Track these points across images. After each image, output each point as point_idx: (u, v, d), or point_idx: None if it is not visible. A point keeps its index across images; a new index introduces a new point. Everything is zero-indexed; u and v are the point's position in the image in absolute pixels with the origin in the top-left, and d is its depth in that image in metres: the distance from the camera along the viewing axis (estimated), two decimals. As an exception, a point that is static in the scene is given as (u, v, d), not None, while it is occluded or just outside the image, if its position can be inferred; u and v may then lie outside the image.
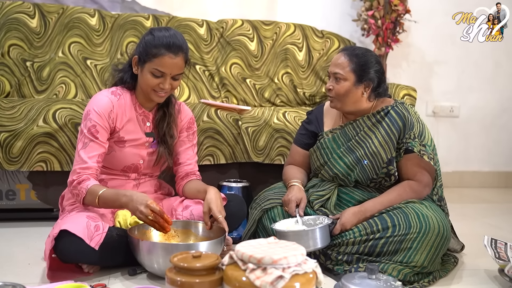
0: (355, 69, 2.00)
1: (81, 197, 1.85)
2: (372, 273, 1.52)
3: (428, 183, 1.99)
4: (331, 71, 2.04)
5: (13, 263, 1.98)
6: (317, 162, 2.12)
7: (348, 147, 2.06)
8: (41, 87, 2.90)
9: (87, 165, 1.87)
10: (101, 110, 1.93)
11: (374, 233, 1.86)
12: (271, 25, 3.37)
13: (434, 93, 3.89)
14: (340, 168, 2.04)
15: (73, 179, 1.87)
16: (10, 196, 2.51)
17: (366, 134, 2.04)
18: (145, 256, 1.76)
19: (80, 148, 1.90)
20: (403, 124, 1.99)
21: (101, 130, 1.92)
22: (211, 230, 1.92)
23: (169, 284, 1.35)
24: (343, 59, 2.02)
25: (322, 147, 2.11)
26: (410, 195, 1.96)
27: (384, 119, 2.03)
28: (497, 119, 3.99)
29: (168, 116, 2.08)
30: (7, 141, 2.35)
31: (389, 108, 2.04)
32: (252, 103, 3.19)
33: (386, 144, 2.00)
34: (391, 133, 2.00)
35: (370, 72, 2.01)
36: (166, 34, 1.93)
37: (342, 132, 2.09)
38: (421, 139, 1.99)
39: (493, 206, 3.39)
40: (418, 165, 1.98)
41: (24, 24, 2.95)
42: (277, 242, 1.38)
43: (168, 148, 2.08)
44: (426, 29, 3.75)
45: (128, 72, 2.03)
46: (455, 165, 3.96)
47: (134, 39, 3.10)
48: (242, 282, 1.25)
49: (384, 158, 1.99)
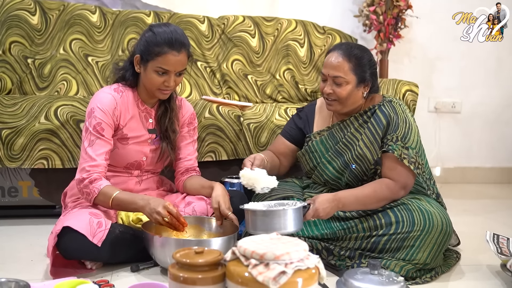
0: (356, 71, 1.95)
1: (92, 196, 1.84)
2: (375, 269, 1.52)
3: (404, 185, 1.91)
4: (330, 74, 1.95)
5: (16, 259, 1.99)
6: (307, 166, 2.12)
7: (336, 150, 2.04)
8: (42, 84, 2.90)
9: (96, 162, 1.87)
10: (105, 107, 1.93)
11: (377, 229, 1.86)
12: (273, 21, 3.36)
13: (436, 89, 3.88)
14: (329, 173, 2.04)
15: (84, 177, 1.86)
16: (12, 193, 2.51)
17: (353, 135, 2.02)
18: (159, 250, 1.77)
19: (87, 146, 1.89)
20: (387, 123, 1.95)
21: (107, 127, 1.92)
22: (220, 226, 1.93)
23: (172, 280, 1.35)
24: (341, 61, 1.94)
25: (310, 151, 2.09)
26: (385, 193, 1.89)
27: (370, 119, 1.99)
28: (499, 115, 3.98)
29: (170, 111, 2.08)
30: (8, 138, 2.35)
31: (376, 108, 2.00)
32: (253, 99, 3.19)
33: (371, 145, 1.97)
34: (375, 133, 1.97)
35: (369, 71, 1.98)
36: (167, 30, 1.92)
37: (329, 134, 2.07)
38: (404, 141, 1.92)
39: (495, 201, 3.39)
40: (396, 166, 1.91)
41: (25, 21, 2.95)
42: (279, 237, 1.38)
43: (170, 143, 2.09)
44: (428, 24, 3.74)
45: (129, 70, 2.02)
46: (457, 161, 3.96)
47: (135, 36, 3.09)
48: (244, 278, 1.25)
49: (371, 159, 1.97)
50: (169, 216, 1.75)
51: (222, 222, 1.92)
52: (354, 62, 1.94)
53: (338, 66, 1.94)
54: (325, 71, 1.98)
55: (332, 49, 2.01)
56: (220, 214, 1.90)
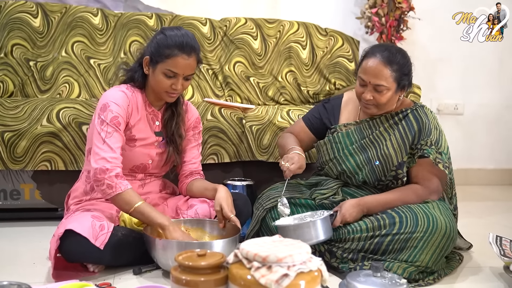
0: (397, 79, 1.92)
1: (114, 191, 1.78)
2: (377, 271, 1.52)
3: (435, 190, 1.95)
4: (372, 82, 1.90)
5: (18, 262, 1.98)
6: (325, 157, 2.10)
7: (361, 145, 2.03)
8: (44, 86, 2.90)
9: (116, 155, 1.83)
10: (120, 102, 1.91)
11: (380, 229, 1.85)
12: (275, 23, 3.36)
13: (439, 91, 3.88)
14: (349, 165, 2.03)
15: (107, 168, 1.78)
16: (14, 196, 2.51)
17: (381, 134, 2.01)
18: (160, 253, 1.77)
19: (105, 137, 1.83)
20: (419, 129, 1.96)
21: (122, 122, 1.90)
22: (223, 228, 1.93)
23: (174, 283, 1.35)
24: (384, 69, 1.89)
25: (334, 141, 2.08)
26: (412, 199, 1.91)
27: (401, 122, 2.00)
28: (501, 117, 3.98)
29: (177, 116, 2.07)
30: (11, 140, 2.35)
31: (408, 111, 2.01)
32: (256, 101, 3.19)
33: (399, 147, 1.97)
34: (405, 137, 1.97)
35: (407, 77, 1.96)
36: (178, 33, 1.92)
37: (357, 129, 2.06)
38: (437, 147, 1.95)
39: (497, 203, 3.38)
40: (429, 171, 1.95)
41: (27, 23, 2.95)
42: (281, 240, 1.37)
43: (176, 148, 2.08)
44: (430, 26, 3.74)
45: (138, 71, 2.01)
46: (459, 162, 3.94)
47: (138, 38, 3.10)
48: (247, 281, 1.24)
49: (395, 161, 1.96)
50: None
51: (225, 225, 1.92)
52: (396, 70, 1.91)
53: (381, 74, 1.89)
54: (365, 77, 1.92)
55: (371, 53, 1.94)
56: (222, 216, 1.90)
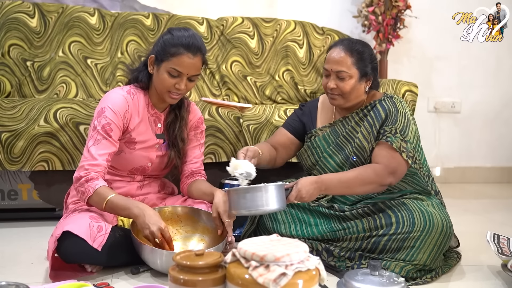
0: (358, 65, 1.96)
1: (86, 195, 1.80)
2: (375, 270, 1.52)
3: (393, 171, 1.86)
4: (333, 69, 1.97)
5: (16, 262, 1.98)
6: (308, 162, 2.12)
7: (337, 144, 2.05)
8: (41, 86, 2.90)
9: (97, 162, 1.84)
10: (117, 108, 1.91)
11: (377, 229, 1.86)
12: (272, 22, 3.36)
13: (436, 89, 3.89)
14: (331, 167, 2.04)
15: (81, 176, 1.82)
16: (12, 196, 2.51)
17: (353, 128, 2.02)
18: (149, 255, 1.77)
19: (92, 145, 1.86)
20: (386, 116, 1.95)
21: (115, 129, 1.90)
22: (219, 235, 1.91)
23: (172, 282, 1.35)
24: (344, 55, 1.96)
25: (312, 146, 2.10)
26: (370, 175, 1.85)
27: (369, 112, 2.00)
28: (499, 114, 3.98)
29: (180, 120, 2.06)
30: (8, 141, 2.35)
31: (376, 102, 2.01)
32: (253, 100, 3.19)
33: (368, 136, 1.97)
34: (373, 126, 1.96)
35: (370, 65, 1.99)
36: (186, 34, 1.92)
37: (332, 130, 2.08)
38: (403, 135, 1.91)
39: (495, 201, 3.39)
40: (388, 152, 1.88)
41: (24, 23, 2.95)
42: (279, 239, 1.37)
43: (178, 152, 2.08)
44: (427, 24, 3.75)
45: (143, 71, 2.01)
46: (457, 160, 3.96)
47: (134, 38, 3.10)
48: (245, 280, 1.25)
49: (368, 150, 1.96)
50: (161, 239, 1.75)
51: (223, 231, 1.90)
52: (356, 57, 1.96)
53: (341, 60, 1.95)
54: (327, 66, 1.99)
55: (334, 45, 2.02)
56: (220, 223, 1.90)
